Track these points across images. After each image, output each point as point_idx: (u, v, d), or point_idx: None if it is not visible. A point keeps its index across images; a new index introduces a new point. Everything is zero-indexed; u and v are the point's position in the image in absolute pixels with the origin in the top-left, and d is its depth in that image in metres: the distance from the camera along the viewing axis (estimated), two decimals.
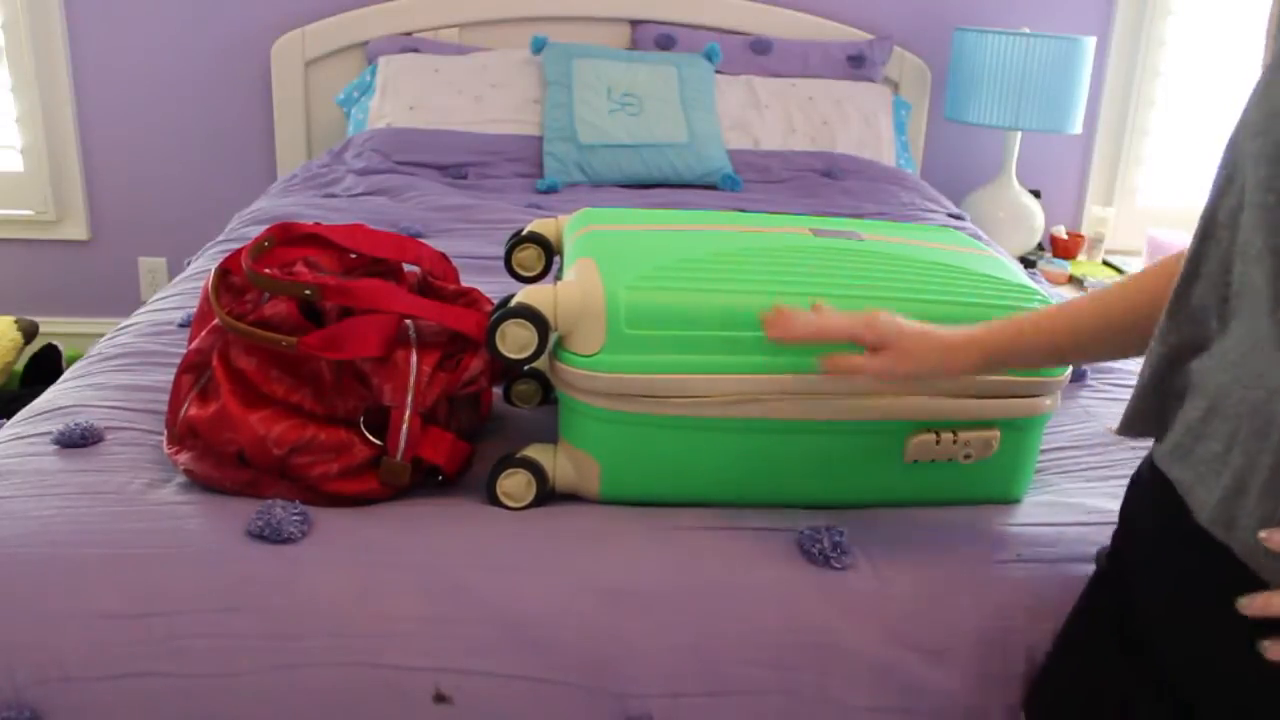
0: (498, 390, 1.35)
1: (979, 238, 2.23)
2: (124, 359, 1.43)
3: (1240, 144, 0.72)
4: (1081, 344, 0.92)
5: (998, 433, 1.11)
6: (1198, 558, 0.76)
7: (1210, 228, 0.76)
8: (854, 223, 1.32)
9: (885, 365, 0.96)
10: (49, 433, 1.19)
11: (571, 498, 1.12)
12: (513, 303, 1.05)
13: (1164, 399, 0.82)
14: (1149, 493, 0.84)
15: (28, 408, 1.30)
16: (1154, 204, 3.21)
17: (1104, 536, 0.99)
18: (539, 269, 1.31)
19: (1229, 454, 0.73)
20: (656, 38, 2.87)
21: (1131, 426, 0.85)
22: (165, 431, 1.15)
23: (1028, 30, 2.81)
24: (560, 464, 1.10)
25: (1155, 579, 0.81)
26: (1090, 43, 2.71)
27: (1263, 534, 0.73)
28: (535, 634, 0.96)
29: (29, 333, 2.61)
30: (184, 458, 1.09)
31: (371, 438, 1.08)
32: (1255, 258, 0.70)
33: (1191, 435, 0.77)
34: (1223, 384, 0.74)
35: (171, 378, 1.33)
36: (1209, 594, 0.75)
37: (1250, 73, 2.82)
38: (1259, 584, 0.71)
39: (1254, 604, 0.71)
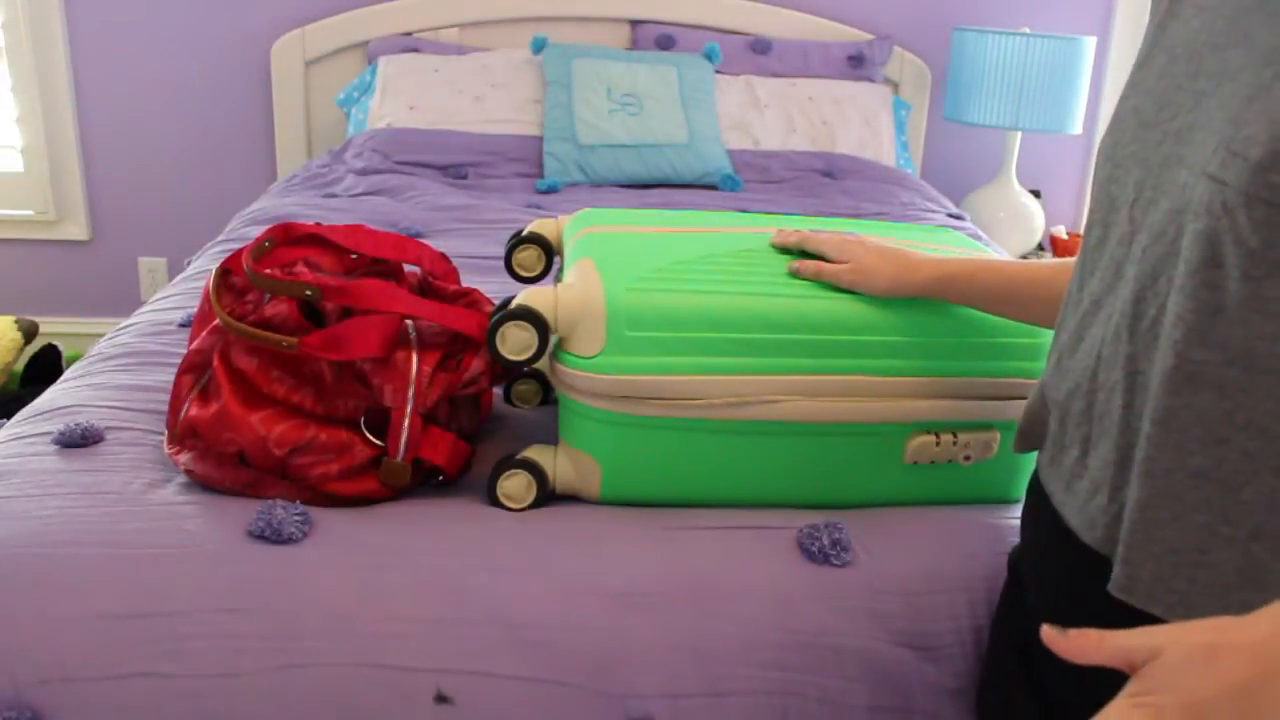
0: (498, 390, 1.35)
1: (979, 238, 2.23)
2: (124, 359, 1.43)
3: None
4: (1039, 295, 0.99)
5: (997, 434, 1.11)
6: (1074, 563, 0.77)
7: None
8: (854, 223, 1.32)
9: (844, 273, 1.08)
10: (49, 433, 1.19)
11: (572, 499, 1.12)
12: (513, 304, 1.05)
13: (1043, 411, 0.84)
14: (1033, 500, 0.86)
15: (28, 408, 1.30)
16: None
17: None
18: (539, 269, 1.31)
19: (1086, 458, 0.75)
20: (656, 38, 2.87)
21: (1019, 443, 0.89)
22: (166, 432, 1.15)
23: (1028, 30, 2.81)
24: (560, 465, 1.10)
25: (1041, 586, 0.81)
26: (1090, 43, 2.72)
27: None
28: (536, 635, 0.96)
29: (29, 333, 2.61)
30: (184, 458, 1.09)
31: (372, 438, 1.08)
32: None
33: (1057, 447, 0.80)
34: (1066, 392, 0.77)
35: (172, 378, 1.34)
36: (1084, 599, 0.75)
37: None
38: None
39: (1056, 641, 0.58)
